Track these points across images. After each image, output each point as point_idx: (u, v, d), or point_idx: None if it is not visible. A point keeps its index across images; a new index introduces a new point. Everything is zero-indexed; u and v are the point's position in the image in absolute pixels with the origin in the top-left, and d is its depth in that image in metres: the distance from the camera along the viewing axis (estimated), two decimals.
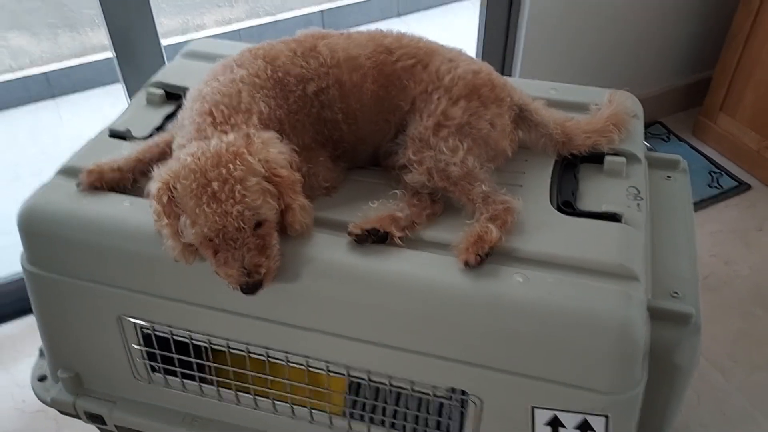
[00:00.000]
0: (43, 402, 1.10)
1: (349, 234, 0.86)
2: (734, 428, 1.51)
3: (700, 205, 2.09)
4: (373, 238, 0.86)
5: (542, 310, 0.79)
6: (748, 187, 2.17)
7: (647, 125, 2.36)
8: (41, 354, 1.13)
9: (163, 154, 0.94)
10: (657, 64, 2.32)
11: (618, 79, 2.24)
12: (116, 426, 1.08)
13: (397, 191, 0.92)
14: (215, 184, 0.77)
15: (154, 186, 0.81)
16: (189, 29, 2.92)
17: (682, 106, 2.45)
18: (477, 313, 0.81)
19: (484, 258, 0.82)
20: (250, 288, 0.80)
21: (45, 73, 2.67)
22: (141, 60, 1.63)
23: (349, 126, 0.96)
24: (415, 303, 0.83)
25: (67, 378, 1.07)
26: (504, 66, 2.03)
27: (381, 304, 0.84)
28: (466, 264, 0.82)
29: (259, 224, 0.80)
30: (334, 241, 0.87)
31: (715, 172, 2.21)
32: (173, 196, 0.79)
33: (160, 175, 0.81)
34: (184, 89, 0.99)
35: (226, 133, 0.83)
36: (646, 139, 2.30)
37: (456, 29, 3.19)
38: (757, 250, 1.96)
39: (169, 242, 0.82)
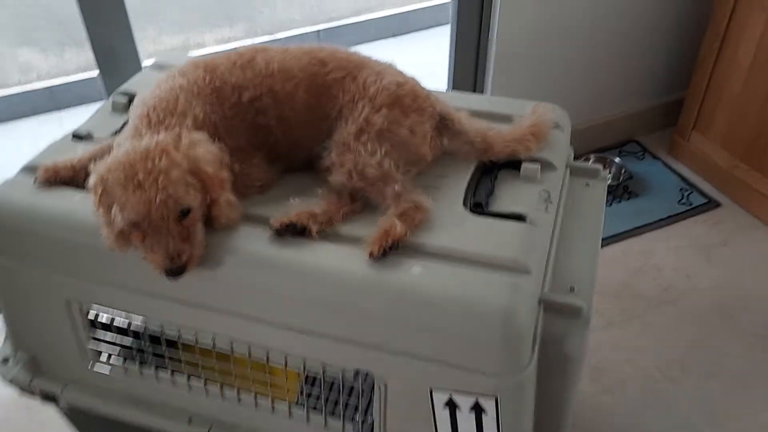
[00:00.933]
0: (5, 381, 1.19)
1: (270, 227, 0.94)
2: None
3: (667, 220, 2.16)
4: (292, 231, 0.94)
5: (435, 297, 0.87)
6: (718, 204, 2.23)
7: (623, 143, 2.47)
8: (6, 338, 1.23)
9: None
10: (631, 84, 2.39)
11: (592, 98, 2.33)
12: (69, 405, 1.17)
13: (319, 189, 1.01)
14: (141, 175, 0.86)
15: (91, 179, 0.90)
16: (190, 47, 3.05)
17: (659, 125, 2.52)
18: (378, 300, 0.89)
19: (388, 251, 0.90)
20: (173, 272, 0.89)
21: (49, 88, 2.82)
22: (123, 77, 1.75)
23: (283, 131, 1.05)
24: (325, 290, 0.91)
25: (25, 360, 1.16)
26: (476, 85, 2.11)
27: (295, 291, 0.92)
28: (371, 255, 0.90)
29: (183, 214, 0.89)
30: (256, 234, 0.95)
31: (685, 190, 2.27)
32: (106, 189, 0.88)
33: (96, 169, 0.90)
34: None
35: (158, 133, 0.92)
36: (620, 155, 2.39)
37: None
38: (720, 265, 2.01)
39: (103, 231, 0.92)
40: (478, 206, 1.01)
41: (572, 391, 0.97)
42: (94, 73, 1.80)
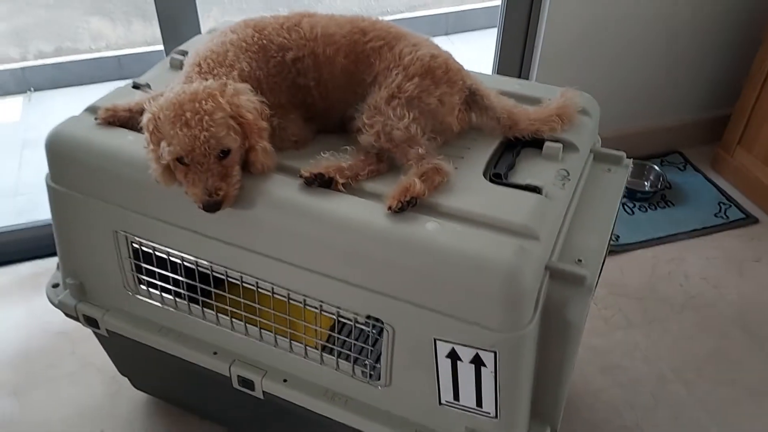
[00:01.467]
0: (52, 304, 1.30)
1: (300, 176, 1.02)
2: None
3: (701, 231, 2.16)
4: (319, 182, 1.02)
5: (445, 251, 0.93)
6: (756, 221, 2.22)
7: (665, 153, 2.47)
8: (58, 267, 1.34)
9: None
10: (677, 95, 2.40)
11: (637, 105, 2.34)
12: (107, 331, 1.27)
13: (348, 147, 1.08)
14: (188, 114, 0.95)
15: (145, 117, 1.00)
16: None
17: (704, 139, 2.52)
18: (392, 250, 0.96)
19: (405, 205, 0.97)
20: (210, 207, 0.97)
21: (117, 56, 2.98)
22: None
23: (320, 92, 1.13)
24: (344, 237, 0.98)
25: (73, 285, 1.27)
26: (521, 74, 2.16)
27: (317, 236, 1.00)
28: (389, 208, 0.97)
29: (223, 154, 0.97)
30: (287, 182, 1.03)
31: (724, 203, 2.27)
32: (157, 126, 0.98)
33: (150, 108, 1.00)
34: None
35: (207, 80, 1.01)
36: (661, 165, 2.39)
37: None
38: (750, 280, 2.01)
39: (152, 165, 1.01)
40: (497, 176, 1.07)
41: (571, 357, 1.02)
42: (159, 46, 1.92)
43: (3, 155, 2.64)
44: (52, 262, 1.35)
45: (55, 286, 1.33)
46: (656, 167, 2.31)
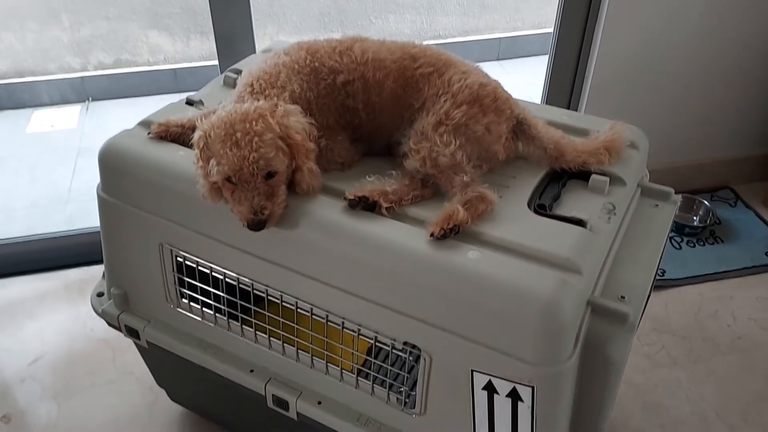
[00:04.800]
0: (96, 312, 1.33)
1: (345, 198, 1.03)
2: None
3: (751, 270, 2.10)
4: (363, 205, 1.02)
5: (486, 281, 0.92)
6: None
7: (716, 188, 2.41)
8: (103, 276, 1.37)
9: None
10: (729, 130, 2.35)
11: (687, 138, 2.29)
12: (147, 342, 1.29)
13: (393, 172, 1.08)
14: (239, 134, 0.96)
15: (196, 135, 1.02)
16: None
17: (757, 176, 2.45)
18: (432, 277, 0.95)
19: (448, 233, 0.97)
20: (255, 225, 0.99)
21: (174, 70, 3.07)
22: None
23: (368, 115, 1.13)
24: (385, 261, 0.98)
25: (117, 295, 1.30)
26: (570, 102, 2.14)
27: (359, 259, 1.00)
28: (431, 235, 0.97)
29: (270, 175, 0.99)
30: (332, 204, 1.04)
31: None
32: (207, 143, 1.00)
33: (202, 126, 1.02)
34: None
35: (258, 100, 1.03)
36: (711, 200, 2.33)
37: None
38: None
39: (201, 181, 1.03)
40: (541, 207, 1.06)
41: (612, 395, 1.00)
42: (215, 61, 1.97)
43: (58, 162, 2.73)
44: (99, 270, 1.39)
45: (100, 295, 1.36)
46: (706, 202, 2.26)
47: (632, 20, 1.98)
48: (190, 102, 1.30)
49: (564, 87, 2.10)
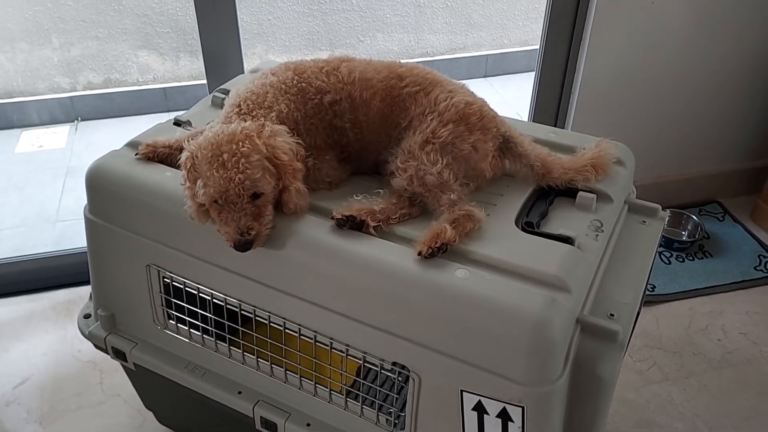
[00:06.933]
0: (83, 334, 1.32)
1: (332, 218, 1.03)
2: None
3: (740, 284, 2.10)
4: (351, 224, 1.02)
5: (474, 299, 0.92)
6: None
7: (704, 203, 2.42)
8: (90, 297, 1.36)
9: None
10: (717, 144, 2.36)
11: (674, 153, 2.31)
12: (134, 364, 1.28)
13: (380, 190, 1.08)
14: (225, 155, 0.96)
15: (183, 156, 1.02)
16: None
17: (744, 189, 2.46)
18: (420, 296, 0.95)
19: (436, 251, 0.96)
20: (241, 246, 0.98)
21: (163, 89, 3.07)
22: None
23: (356, 134, 1.14)
24: (372, 280, 0.98)
25: (104, 316, 1.29)
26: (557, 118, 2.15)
27: (346, 278, 1.00)
28: (419, 254, 0.96)
29: (256, 196, 0.98)
30: (319, 223, 1.04)
31: (764, 256, 2.21)
32: (194, 164, 1.00)
33: (189, 147, 1.02)
34: None
35: (245, 120, 1.03)
36: (699, 214, 2.34)
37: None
38: None
39: (188, 202, 1.03)
40: (529, 225, 1.06)
41: (603, 414, 0.99)
42: (204, 80, 1.97)
43: (47, 182, 2.72)
44: (88, 290, 1.37)
45: (87, 316, 1.35)
46: (694, 217, 2.27)
47: (617, 37, 2.00)
48: (177, 123, 1.29)
49: (551, 104, 2.11)
